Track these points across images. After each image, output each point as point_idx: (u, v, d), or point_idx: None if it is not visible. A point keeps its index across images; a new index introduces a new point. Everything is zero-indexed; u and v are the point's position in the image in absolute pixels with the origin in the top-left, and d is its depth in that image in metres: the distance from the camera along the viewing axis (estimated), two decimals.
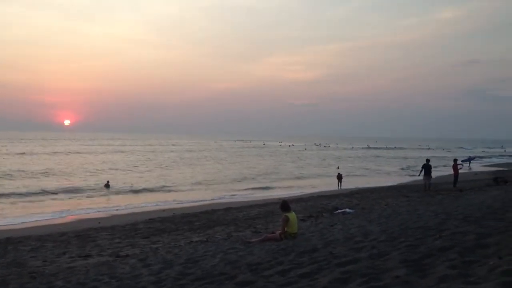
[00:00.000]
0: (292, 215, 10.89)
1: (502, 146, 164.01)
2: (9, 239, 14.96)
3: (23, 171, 45.52)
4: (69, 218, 21.64)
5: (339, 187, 34.24)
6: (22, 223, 20.04)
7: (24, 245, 13.75)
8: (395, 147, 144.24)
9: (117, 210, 24.24)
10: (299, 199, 24.81)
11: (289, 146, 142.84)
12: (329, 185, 36.27)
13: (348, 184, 36.20)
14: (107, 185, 34.07)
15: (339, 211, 17.56)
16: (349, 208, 17.96)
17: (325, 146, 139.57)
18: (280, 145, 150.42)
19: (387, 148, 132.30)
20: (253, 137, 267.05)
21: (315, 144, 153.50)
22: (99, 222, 18.96)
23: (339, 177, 35.28)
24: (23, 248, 13.28)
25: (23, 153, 75.39)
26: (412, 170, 52.09)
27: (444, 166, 54.52)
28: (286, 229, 10.72)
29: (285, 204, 11.18)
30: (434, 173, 28.13)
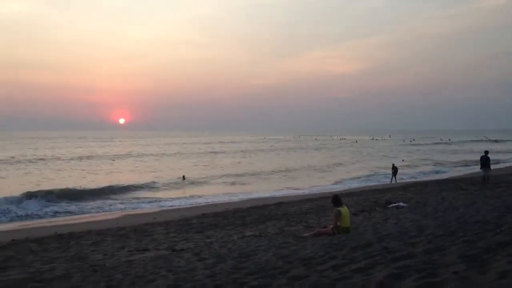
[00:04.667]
0: (344, 210, 10.80)
1: None
2: (72, 233, 15.68)
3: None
4: (126, 213, 22.42)
5: (393, 181, 33.50)
6: (81, 217, 21.02)
7: (86, 240, 14.36)
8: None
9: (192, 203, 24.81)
10: (350, 193, 24.52)
11: (340, 139, 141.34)
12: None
13: (403, 176, 35.56)
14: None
15: (393, 205, 17.23)
16: (403, 202, 17.58)
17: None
18: (332, 139, 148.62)
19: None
20: (296, 132, 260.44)
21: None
22: (154, 218, 19.52)
23: (394, 170, 34.35)
24: (85, 242, 13.88)
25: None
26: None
27: None
28: (338, 223, 10.65)
29: (337, 199, 11.10)
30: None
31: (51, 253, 12.39)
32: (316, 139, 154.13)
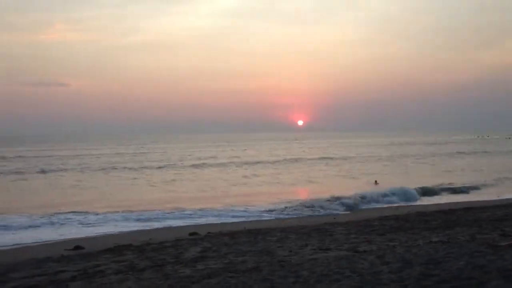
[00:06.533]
0: None
1: None
2: (259, 229, 16.75)
3: None
4: (306, 212, 23.09)
5: None
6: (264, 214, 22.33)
7: (271, 236, 15.20)
8: None
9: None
10: None
11: None
12: None
13: None
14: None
15: None
16: None
17: None
18: None
19: None
20: (480, 132, 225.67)
21: None
22: (334, 218, 19.76)
23: None
24: (270, 239, 14.70)
25: None
26: None
27: None
28: None
29: None
30: None
31: (241, 246, 13.45)
32: (510, 138, 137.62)
